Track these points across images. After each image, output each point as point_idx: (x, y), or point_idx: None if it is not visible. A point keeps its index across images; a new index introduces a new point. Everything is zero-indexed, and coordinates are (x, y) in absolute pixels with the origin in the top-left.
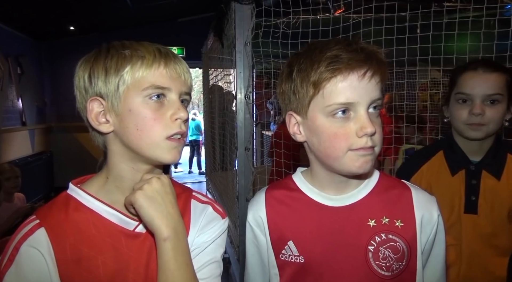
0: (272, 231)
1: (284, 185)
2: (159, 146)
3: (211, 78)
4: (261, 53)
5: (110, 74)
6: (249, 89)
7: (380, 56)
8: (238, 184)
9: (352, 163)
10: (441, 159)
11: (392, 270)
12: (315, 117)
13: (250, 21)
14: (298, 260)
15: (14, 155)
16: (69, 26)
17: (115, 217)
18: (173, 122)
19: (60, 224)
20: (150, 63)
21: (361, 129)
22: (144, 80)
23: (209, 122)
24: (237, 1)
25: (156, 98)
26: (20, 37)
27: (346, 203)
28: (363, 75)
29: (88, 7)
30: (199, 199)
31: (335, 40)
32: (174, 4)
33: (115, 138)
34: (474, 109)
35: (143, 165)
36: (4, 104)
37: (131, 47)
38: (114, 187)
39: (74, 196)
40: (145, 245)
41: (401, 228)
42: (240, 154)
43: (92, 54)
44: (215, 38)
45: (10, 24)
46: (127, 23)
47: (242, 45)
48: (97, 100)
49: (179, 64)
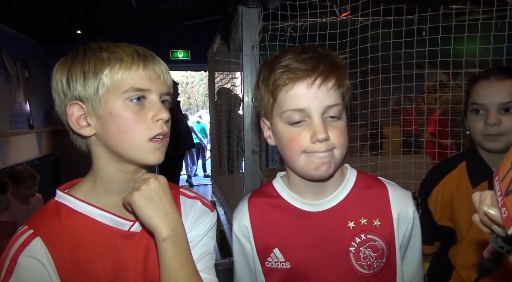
0: (257, 239)
1: (266, 192)
2: (142, 148)
3: (217, 81)
4: (269, 57)
5: (88, 77)
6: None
7: (334, 61)
8: (245, 187)
9: (308, 166)
10: (462, 171)
11: (373, 268)
12: (276, 124)
13: (257, 25)
14: (285, 266)
15: (22, 158)
16: (76, 30)
17: (108, 219)
18: (155, 123)
19: (55, 231)
20: (128, 65)
21: (313, 135)
22: (123, 83)
23: (215, 125)
24: (244, 4)
25: (136, 100)
26: (27, 41)
27: (326, 207)
28: (312, 83)
29: (95, 11)
30: (187, 195)
31: (294, 49)
32: (179, 7)
33: (97, 141)
34: (489, 119)
35: (129, 166)
36: (12, 107)
37: (109, 49)
38: (104, 189)
39: (64, 203)
40: (142, 243)
41: (379, 227)
42: (247, 157)
43: (69, 57)
44: (222, 41)
45: (18, 28)
46: (133, 26)
47: (249, 48)
48: (76, 104)
49: (157, 64)
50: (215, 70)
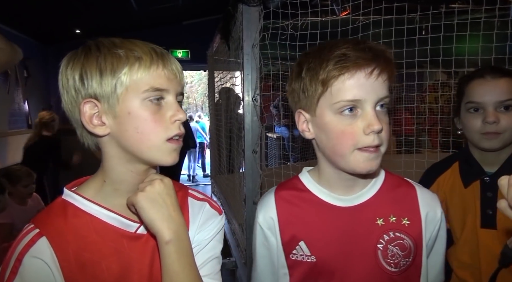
0: (283, 232)
1: (293, 185)
2: (159, 149)
3: (216, 80)
4: (269, 55)
5: (105, 75)
6: (256, 91)
7: (388, 55)
8: (245, 187)
9: (357, 163)
10: (455, 171)
11: (400, 267)
12: (324, 115)
13: (258, 23)
14: (310, 260)
15: (21, 158)
16: (75, 29)
17: (115, 221)
18: (172, 123)
19: (61, 231)
20: (148, 64)
21: (368, 126)
22: (142, 82)
23: (215, 125)
24: (244, 3)
25: (155, 100)
26: (26, 41)
27: (355, 203)
28: (370, 73)
29: (94, 10)
30: (196, 197)
31: (344, 40)
32: (179, 7)
33: (111, 141)
34: (488, 117)
35: (141, 166)
36: (10, 107)
37: (124, 47)
38: (112, 190)
39: (71, 202)
40: (148, 245)
41: (407, 226)
42: (247, 157)
43: (80, 53)
44: (222, 40)
45: (16, 27)
46: (133, 25)
47: (250, 47)
48: (91, 101)
49: (174, 64)
50: (215, 70)
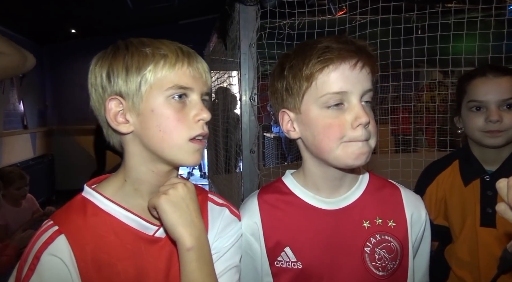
0: (268, 237)
1: (276, 188)
2: (182, 149)
3: (213, 80)
4: (266, 55)
5: (131, 72)
6: (254, 91)
7: (369, 49)
8: (243, 187)
9: (347, 155)
10: (455, 169)
11: (387, 270)
12: (309, 110)
13: (255, 23)
14: (296, 266)
15: (16, 159)
16: (71, 29)
17: (133, 222)
18: (196, 123)
19: (79, 230)
20: (173, 62)
21: (355, 119)
22: (167, 80)
23: (211, 124)
24: (241, 2)
25: (178, 98)
26: (21, 40)
27: (341, 205)
28: (354, 65)
29: (90, 10)
30: (216, 201)
31: (325, 37)
32: (175, 6)
33: (134, 139)
34: (491, 116)
35: (164, 167)
36: (5, 107)
37: (152, 45)
38: (133, 190)
39: (91, 200)
40: (165, 250)
41: (393, 228)
42: (245, 157)
43: (109, 52)
44: (219, 40)
45: (11, 27)
46: (129, 25)
47: (247, 47)
48: (116, 99)
49: (201, 63)
50: (212, 69)
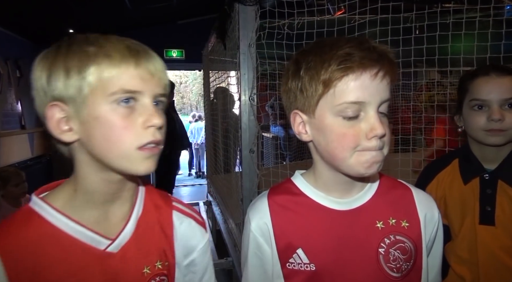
0: (279, 239)
1: (286, 189)
2: (130, 158)
3: (212, 80)
4: (266, 55)
5: (71, 75)
6: (253, 91)
7: (391, 56)
8: (242, 187)
9: (360, 165)
10: (455, 168)
11: (402, 271)
12: (324, 116)
13: (254, 23)
14: (309, 268)
15: (14, 159)
16: (68, 28)
17: (83, 235)
18: (145, 130)
19: (18, 245)
20: (117, 63)
21: (371, 130)
22: (111, 83)
23: (210, 125)
24: (241, 2)
25: (125, 103)
26: (19, 40)
27: (353, 206)
28: (375, 75)
29: (88, 9)
30: (182, 210)
31: (346, 38)
32: (173, 6)
33: (80, 147)
34: (493, 115)
35: (116, 175)
36: (3, 107)
37: (97, 43)
38: (84, 200)
39: (37, 211)
40: (117, 266)
41: (407, 229)
42: (245, 156)
43: (52, 50)
44: (218, 39)
45: (9, 27)
46: (126, 25)
47: (246, 47)
48: (57, 105)
49: (152, 62)
50: (210, 69)
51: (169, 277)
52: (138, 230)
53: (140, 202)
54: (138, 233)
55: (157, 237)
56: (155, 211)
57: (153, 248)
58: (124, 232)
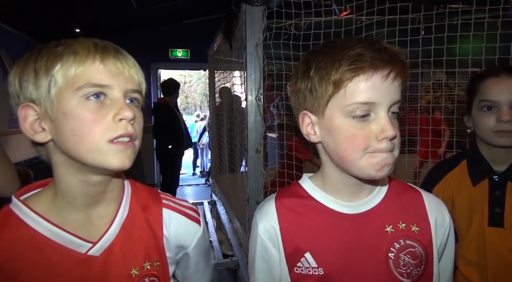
0: (286, 242)
1: (294, 192)
2: (101, 151)
3: (217, 79)
4: (272, 55)
5: (40, 75)
6: (260, 91)
7: (402, 57)
8: (248, 187)
9: (371, 167)
10: (463, 169)
11: (412, 277)
12: (333, 117)
13: (261, 23)
14: (317, 273)
15: (20, 157)
16: (75, 28)
17: (62, 239)
18: (117, 123)
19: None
20: (83, 58)
21: (381, 132)
22: (78, 78)
23: (215, 124)
24: (248, 2)
25: (95, 97)
26: (26, 39)
27: (362, 209)
28: (387, 76)
29: (94, 9)
30: (172, 207)
31: (356, 39)
32: (179, 6)
33: (55, 148)
34: (503, 116)
35: (94, 176)
36: (10, 106)
37: (65, 44)
38: (65, 203)
39: (16, 213)
40: (98, 270)
41: (417, 233)
42: (251, 156)
43: (24, 57)
44: (224, 40)
45: (17, 26)
46: (132, 25)
47: (253, 47)
48: (29, 106)
49: (121, 58)
50: (216, 69)
51: (160, 277)
52: (123, 232)
53: (125, 203)
54: (123, 235)
55: (144, 238)
56: (143, 211)
57: (141, 249)
58: (106, 235)
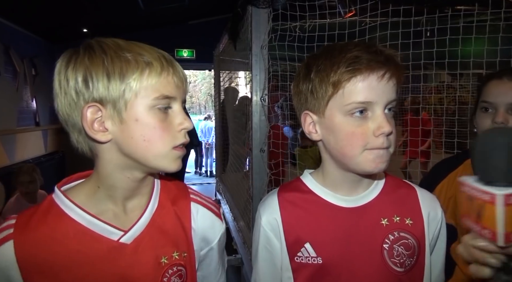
0: (288, 233)
1: (295, 187)
2: (166, 157)
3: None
4: (277, 56)
5: (114, 79)
6: (264, 91)
7: (397, 59)
8: (252, 186)
9: (368, 163)
10: (467, 168)
11: (405, 266)
12: (333, 116)
13: (267, 25)
14: (316, 262)
15: (28, 155)
16: (83, 28)
17: (96, 227)
18: (179, 132)
19: (35, 236)
20: (159, 71)
21: (378, 128)
22: (153, 89)
23: (220, 124)
24: (254, 5)
25: (163, 108)
26: (35, 39)
27: (359, 203)
28: (382, 76)
29: (102, 9)
30: (200, 202)
31: (354, 43)
32: (185, 7)
33: (111, 147)
34: (497, 118)
35: (139, 174)
36: (19, 104)
37: (132, 50)
38: (106, 196)
39: (58, 203)
40: (129, 257)
41: (411, 226)
42: (255, 156)
43: (83, 53)
44: (229, 40)
45: (25, 26)
46: (139, 25)
47: (259, 48)
48: (95, 106)
49: (181, 71)
50: (221, 69)
51: (187, 268)
52: (152, 222)
53: (156, 196)
54: (153, 226)
55: (173, 229)
56: (172, 204)
57: (170, 239)
58: (137, 225)
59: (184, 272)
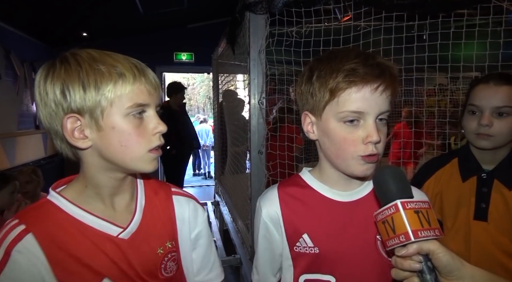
0: (287, 225)
1: (294, 182)
2: (142, 159)
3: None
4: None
5: (89, 91)
6: (262, 95)
7: (393, 71)
8: (251, 187)
9: (356, 167)
10: (454, 166)
11: None
12: (328, 120)
13: (264, 30)
14: (313, 251)
15: (28, 158)
16: (82, 32)
17: (96, 224)
18: (154, 135)
19: (47, 228)
20: (131, 81)
21: (367, 137)
22: (126, 98)
23: (219, 126)
24: (251, 11)
25: (137, 114)
26: (35, 43)
27: (354, 198)
28: (376, 89)
29: (101, 13)
30: (180, 193)
31: (355, 52)
32: (184, 11)
33: (93, 152)
34: (482, 120)
35: (120, 174)
36: (19, 108)
37: (105, 62)
38: (94, 193)
39: (55, 203)
40: (128, 251)
41: None
42: (253, 158)
43: (59, 66)
44: (227, 45)
45: (25, 30)
46: (138, 29)
47: (256, 53)
48: (73, 116)
49: (153, 77)
50: (220, 73)
51: (177, 252)
52: (145, 218)
53: (141, 193)
54: (145, 221)
55: (162, 221)
56: (156, 198)
57: (162, 231)
58: (133, 221)
59: (177, 256)
